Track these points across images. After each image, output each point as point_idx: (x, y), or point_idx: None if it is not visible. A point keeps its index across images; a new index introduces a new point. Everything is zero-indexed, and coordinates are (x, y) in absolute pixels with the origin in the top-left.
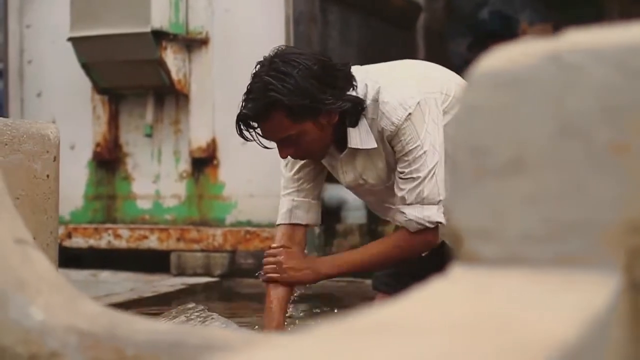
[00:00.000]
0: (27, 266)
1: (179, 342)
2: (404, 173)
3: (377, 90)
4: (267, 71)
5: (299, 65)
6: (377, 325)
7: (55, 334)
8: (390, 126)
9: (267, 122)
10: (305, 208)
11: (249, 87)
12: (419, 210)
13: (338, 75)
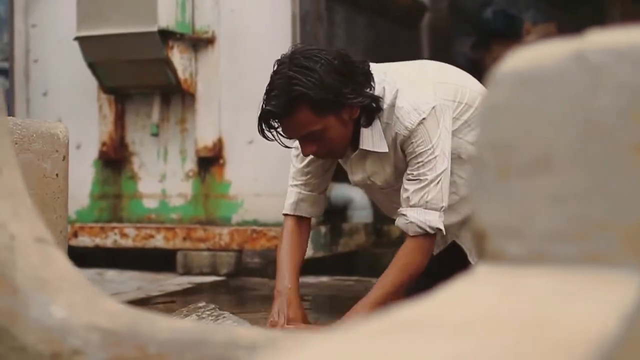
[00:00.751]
0: (47, 265)
1: (203, 340)
2: (412, 175)
3: (394, 95)
4: (289, 67)
5: (320, 60)
6: (414, 323)
7: (77, 332)
8: (404, 130)
9: (292, 117)
10: (310, 201)
11: (271, 84)
12: (421, 214)
13: (357, 71)
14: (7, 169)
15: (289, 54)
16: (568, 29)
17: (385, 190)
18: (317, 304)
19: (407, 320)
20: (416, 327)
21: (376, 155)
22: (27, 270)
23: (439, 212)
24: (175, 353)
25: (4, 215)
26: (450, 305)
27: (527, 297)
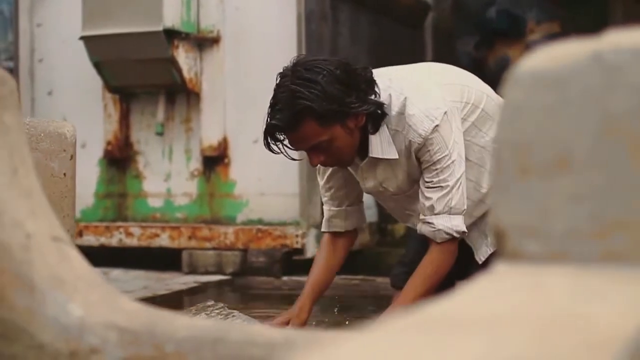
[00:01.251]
0: (65, 264)
1: (220, 338)
2: (432, 182)
3: (402, 102)
4: (291, 80)
5: (322, 70)
6: (445, 320)
7: (95, 331)
8: (418, 138)
9: (298, 130)
10: (342, 216)
11: (274, 98)
12: (447, 220)
13: (360, 79)
14: (23, 168)
15: (291, 66)
16: (571, 29)
17: (397, 197)
18: (325, 303)
19: (437, 317)
20: (449, 323)
21: (386, 161)
22: (44, 269)
23: (462, 215)
24: (193, 351)
25: (20, 215)
26: (478, 303)
27: (552, 295)
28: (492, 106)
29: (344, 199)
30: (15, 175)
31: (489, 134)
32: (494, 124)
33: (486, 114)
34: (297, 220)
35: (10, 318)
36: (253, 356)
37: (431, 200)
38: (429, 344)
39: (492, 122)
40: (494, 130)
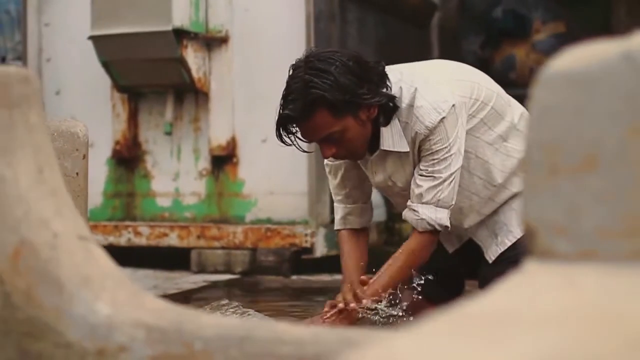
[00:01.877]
0: (91, 262)
1: (248, 336)
2: (426, 171)
3: (412, 94)
4: (305, 70)
5: (335, 62)
6: (489, 317)
7: (123, 329)
8: (424, 130)
9: (310, 120)
10: (357, 213)
11: (287, 89)
12: (433, 212)
13: (372, 71)
14: (48, 168)
15: (304, 57)
16: (577, 28)
17: (405, 192)
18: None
19: (479, 315)
20: (492, 322)
21: (396, 155)
22: (71, 268)
23: (448, 210)
24: (221, 349)
25: (47, 213)
26: (515, 301)
27: (587, 293)
28: (502, 105)
29: (359, 197)
30: (40, 175)
31: (497, 131)
32: (503, 122)
33: (495, 111)
34: (306, 220)
35: (37, 316)
36: (282, 354)
37: (421, 188)
38: (481, 343)
39: (501, 120)
40: (502, 128)
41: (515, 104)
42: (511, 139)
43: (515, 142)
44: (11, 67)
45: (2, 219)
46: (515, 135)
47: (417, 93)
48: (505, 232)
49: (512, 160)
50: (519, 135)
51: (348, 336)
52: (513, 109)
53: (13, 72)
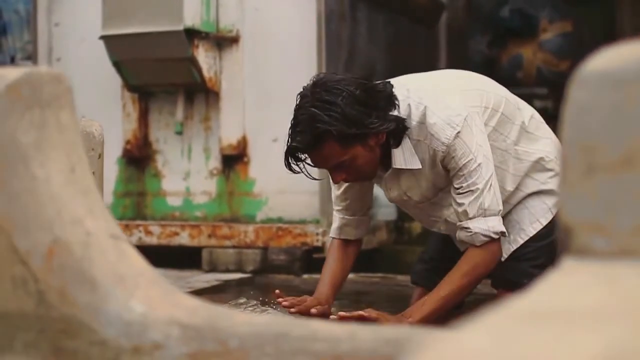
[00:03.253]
0: (124, 261)
1: (283, 333)
2: (461, 187)
3: (422, 112)
4: (311, 102)
5: (341, 92)
6: (542, 314)
7: (157, 327)
8: (441, 146)
9: (319, 151)
10: (354, 225)
11: (295, 119)
12: (483, 222)
13: (380, 96)
14: (79, 167)
15: (310, 86)
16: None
17: (421, 205)
18: (349, 299)
19: (532, 311)
20: (549, 317)
21: (409, 171)
22: (105, 266)
23: (498, 215)
24: (256, 347)
25: (80, 212)
26: (563, 297)
27: (631, 290)
28: (511, 109)
29: (358, 209)
30: (72, 174)
31: (510, 136)
32: (514, 127)
33: (506, 117)
34: (317, 219)
35: (72, 314)
36: (316, 351)
37: (463, 205)
38: (549, 338)
39: (512, 125)
40: (514, 133)
41: (524, 106)
42: (522, 143)
43: (526, 145)
44: (42, 67)
45: (36, 218)
46: (526, 138)
47: (428, 110)
48: (518, 230)
49: (524, 163)
50: (529, 137)
51: (384, 333)
52: (522, 111)
53: (44, 72)
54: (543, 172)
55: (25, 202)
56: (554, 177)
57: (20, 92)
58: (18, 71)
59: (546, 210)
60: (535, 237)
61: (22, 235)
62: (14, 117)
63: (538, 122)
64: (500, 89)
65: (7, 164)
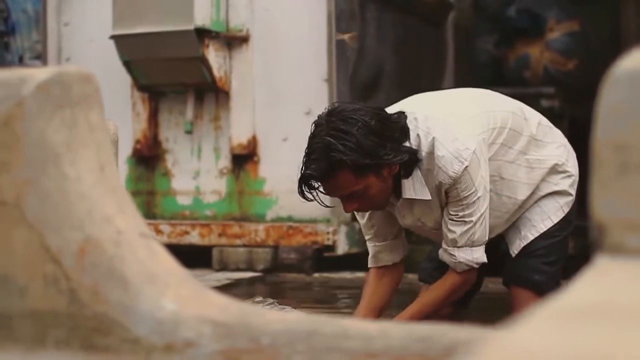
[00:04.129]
0: (154, 259)
1: (314, 331)
2: (456, 216)
3: (431, 142)
4: (326, 131)
5: (357, 122)
6: (587, 310)
7: (189, 324)
8: (448, 180)
9: (333, 180)
10: (388, 250)
11: (309, 147)
12: (469, 253)
13: (394, 127)
14: (109, 166)
15: (326, 115)
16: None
17: (437, 231)
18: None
19: (576, 308)
20: (594, 313)
21: (421, 200)
22: (136, 265)
23: (483, 246)
24: (288, 344)
25: (110, 210)
26: (602, 294)
27: None
28: (519, 122)
29: (388, 233)
30: (102, 173)
31: (517, 148)
32: (522, 138)
33: (514, 131)
34: (327, 218)
35: (104, 312)
36: (348, 349)
37: (454, 233)
38: (610, 335)
39: (520, 136)
40: (522, 144)
41: (530, 114)
42: (531, 151)
43: (535, 152)
44: (72, 67)
45: (67, 217)
46: (535, 145)
47: (436, 142)
48: (529, 227)
49: (535, 171)
50: (538, 144)
51: (416, 331)
52: (529, 121)
53: (74, 72)
54: (556, 174)
55: (56, 201)
56: (566, 178)
57: (50, 91)
58: (48, 71)
59: (558, 208)
60: (546, 234)
61: (54, 234)
62: (45, 117)
63: (546, 127)
64: (507, 103)
65: (38, 163)
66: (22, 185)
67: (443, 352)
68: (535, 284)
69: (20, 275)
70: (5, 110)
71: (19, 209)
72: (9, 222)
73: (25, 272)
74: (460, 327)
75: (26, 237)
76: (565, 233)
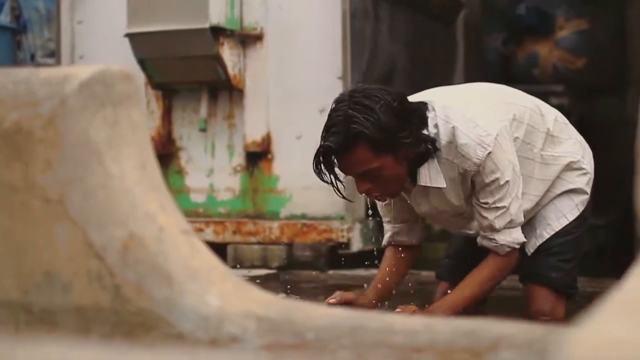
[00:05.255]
0: (197, 256)
1: (360, 326)
2: (487, 203)
3: (451, 131)
4: (349, 104)
5: (380, 100)
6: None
7: (234, 320)
8: (474, 166)
9: (350, 154)
10: (405, 231)
11: (330, 120)
12: (508, 234)
13: (414, 114)
14: (150, 164)
15: (349, 92)
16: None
17: (453, 219)
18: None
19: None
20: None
21: (437, 188)
22: (179, 261)
23: (519, 227)
24: (333, 339)
25: (152, 208)
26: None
27: None
28: (535, 118)
29: (407, 218)
30: (144, 170)
31: (536, 145)
32: (539, 135)
33: (531, 127)
34: (341, 215)
35: (149, 308)
36: (394, 343)
37: (488, 220)
38: None
39: (538, 133)
40: (540, 140)
41: (547, 110)
42: (548, 147)
43: (551, 149)
44: (114, 66)
45: (110, 214)
46: (550, 141)
47: (457, 130)
48: (544, 225)
49: (551, 167)
50: (553, 141)
51: (461, 325)
52: (546, 118)
53: (116, 71)
54: (572, 171)
55: (100, 198)
56: (582, 176)
57: (93, 90)
58: (91, 69)
59: (573, 207)
60: (561, 232)
61: (97, 230)
62: (87, 115)
63: (561, 124)
64: (523, 99)
65: (81, 160)
66: (66, 182)
67: (488, 346)
68: (551, 281)
69: (64, 271)
70: (49, 108)
71: (63, 206)
72: (53, 219)
73: (69, 268)
74: (505, 322)
75: (70, 234)
76: (580, 230)
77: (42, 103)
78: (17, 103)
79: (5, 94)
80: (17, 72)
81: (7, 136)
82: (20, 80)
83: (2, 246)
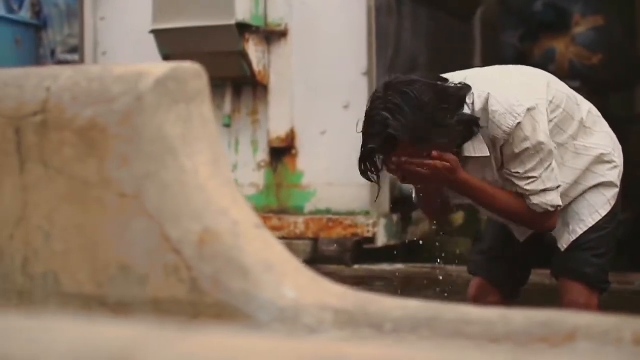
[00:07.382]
0: (270, 250)
1: (435, 317)
2: (519, 173)
3: (485, 98)
4: (384, 104)
5: (415, 97)
6: None
7: (310, 312)
8: (502, 134)
9: (393, 154)
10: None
11: (367, 121)
12: (542, 196)
13: (451, 100)
14: (221, 159)
15: (383, 88)
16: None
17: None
18: (414, 286)
19: None
20: None
21: (476, 160)
22: (254, 254)
23: (556, 190)
24: (410, 329)
25: (225, 203)
26: None
27: None
28: (571, 106)
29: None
30: (216, 165)
31: (568, 132)
32: (573, 123)
33: (567, 113)
34: (366, 210)
35: (226, 300)
36: (471, 334)
37: (520, 187)
38: None
39: (572, 121)
40: (573, 128)
41: (582, 100)
42: (580, 137)
43: (583, 140)
44: (186, 63)
45: (186, 208)
46: (583, 132)
47: (491, 98)
48: (577, 220)
49: (582, 157)
50: (586, 131)
51: (537, 316)
52: (581, 107)
53: (188, 68)
54: (603, 164)
55: (175, 193)
56: (613, 169)
57: (167, 86)
58: (165, 66)
59: (605, 202)
60: (594, 228)
61: (173, 224)
62: (162, 111)
63: (595, 116)
64: (561, 85)
65: (156, 156)
66: (142, 177)
67: (565, 337)
68: (585, 276)
69: (140, 264)
70: (125, 104)
71: (139, 200)
72: (129, 213)
73: (146, 262)
74: (580, 313)
75: (146, 228)
76: (612, 225)
77: (117, 100)
78: (91, 100)
79: (79, 91)
80: (89, 69)
81: (82, 132)
82: (93, 77)
83: (75, 240)
